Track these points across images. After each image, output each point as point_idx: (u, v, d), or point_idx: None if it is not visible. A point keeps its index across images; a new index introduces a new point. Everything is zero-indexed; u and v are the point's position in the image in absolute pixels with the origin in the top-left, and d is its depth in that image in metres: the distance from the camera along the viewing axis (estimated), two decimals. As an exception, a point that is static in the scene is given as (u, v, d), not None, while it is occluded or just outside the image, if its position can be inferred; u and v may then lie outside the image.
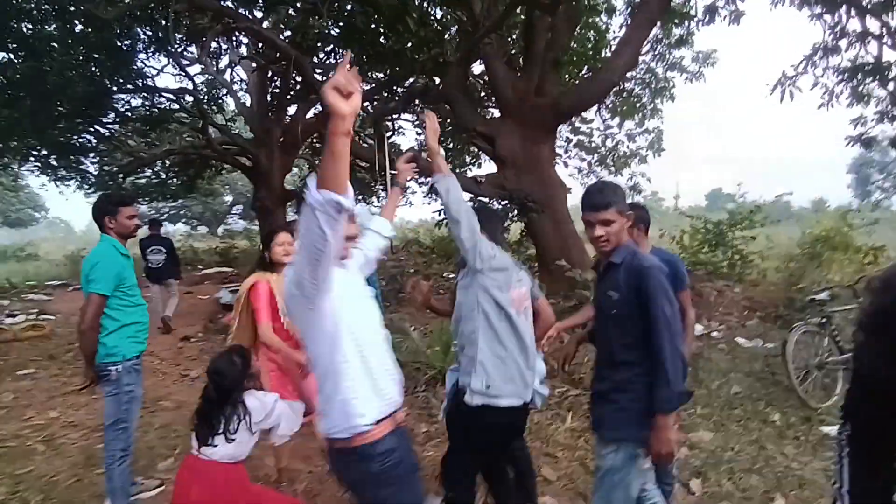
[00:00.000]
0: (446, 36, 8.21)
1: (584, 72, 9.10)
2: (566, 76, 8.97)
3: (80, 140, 12.07)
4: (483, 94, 11.00)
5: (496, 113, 9.19)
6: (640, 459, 1.94)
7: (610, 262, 2.01)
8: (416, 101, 9.64)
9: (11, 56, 9.08)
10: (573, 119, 10.09)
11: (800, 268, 7.12)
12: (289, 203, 12.90)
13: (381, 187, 12.89)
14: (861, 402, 1.18)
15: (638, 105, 10.24)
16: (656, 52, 9.92)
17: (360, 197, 15.33)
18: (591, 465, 3.40)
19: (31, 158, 12.16)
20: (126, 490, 2.75)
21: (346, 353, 1.55)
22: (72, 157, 12.45)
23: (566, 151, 11.94)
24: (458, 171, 11.91)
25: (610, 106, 10.64)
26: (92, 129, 11.86)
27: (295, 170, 17.13)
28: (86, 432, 4.13)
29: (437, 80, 8.39)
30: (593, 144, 11.58)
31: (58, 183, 13.45)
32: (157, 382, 5.28)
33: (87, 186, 13.71)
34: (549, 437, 3.74)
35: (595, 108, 10.38)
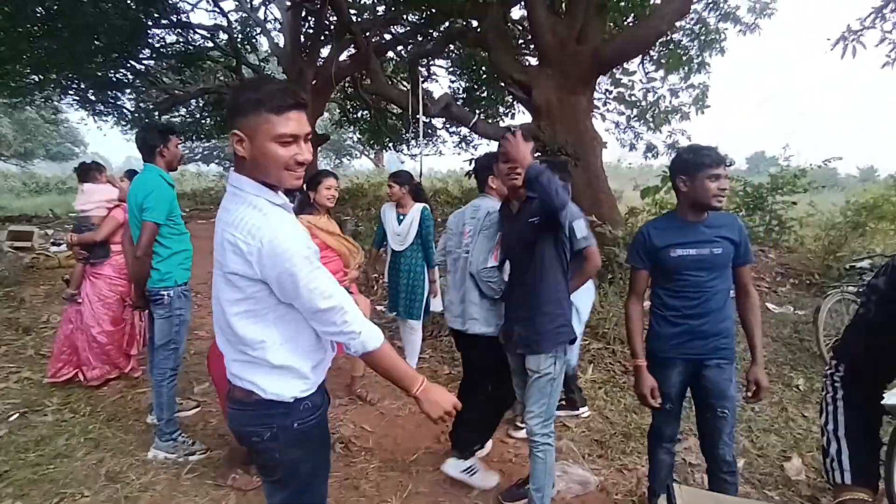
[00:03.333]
0: (486, -25, 7.82)
1: (630, 19, 8.60)
2: (611, 23, 8.50)
3: (117, 75, 12.19)
4: (521, 41, 10.57)
5: (534, 62, 8.86)
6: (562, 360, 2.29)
7: (528, 196, 2.24)
8: (452, 45, 9.33)
9: (49, -14, 9.09)
10: (614, 70, 9.64)
11: (840, 236, 6.84)
12: (319, 147, 12.90)
13: (412, 134, 12.74)
14: (860, 346, 1.19)
15: (685, 57, 9.67)
16: (709, 1, 9.30)
17: (391, 144, 15.23)
18: (608, 415, 3.49)
19: (70, 92, 12.38)
20: (172, 405, 2.94)
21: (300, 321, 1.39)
22: (109, 92, 12.63)
23: (604, 104, 11.50)
24: (490, 120, 11.65)
25: (654, 57, 10.11)
26: (128, 65, 11.95)
27: (326, 114, 17.03)
28: (128, 354, 4.38)
29: (475, 23, 8.08)
30: (633, 98, 11.09)
31: (96, 118, 13.72)
32: (194, 313, 5.50)
33: (123, 123, 13.97)
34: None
35: (638, 58, 9.88)
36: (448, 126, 14.35)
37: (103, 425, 3.21)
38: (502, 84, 8.71)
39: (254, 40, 12.88)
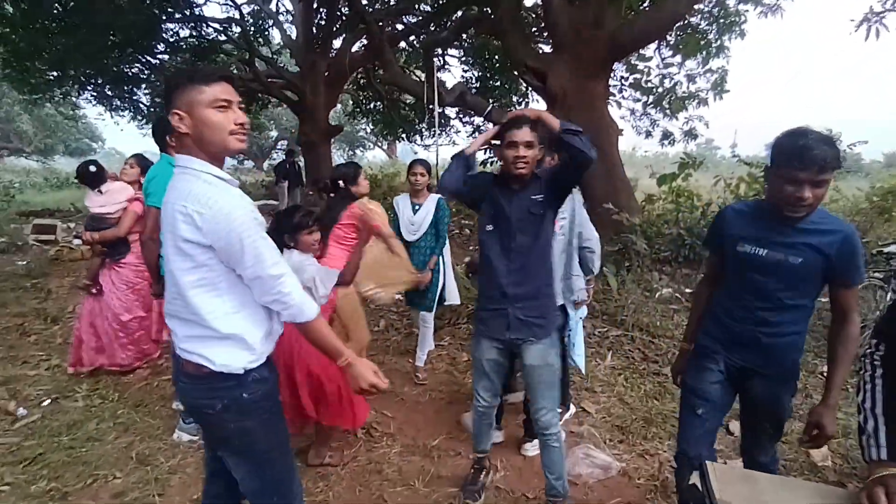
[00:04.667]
0: (500, -38, 7.73)
1: (646, 3, 8.45)
2: (627, 7, 8.36)
3: (133, 70, 12.30)
4: (535, 28, 10.46)
5: (548, 49, 8.76)
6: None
7: (534, 174, 2.20)
8: (465, 34, 9.25)
9: (66, -17, 9.19)
10: (630, 56, 9.49)
11: (866, 222, 6.71)
12: (333, 138, 12.93)
13: (426, 124, 12.71)
14: None
15: (703, 42, 9.47)
16: (729, -18, 9.09)
17: (404, 134, 15.21)
18: (628, 401, 3.48)
19: (88, 88, 12.53)
20: None
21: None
22: (125, 87, 12.75)
23: (620, 91, 11.34)
24: (507, 109, 11.56)
25: (671, 42, 9.92)
26: (143, 60, 12.04)
27: (339, 105, 17.06)
28: (152, 343, 4.47)
29: (489, 10, 8.01)
30: (649, 84, 10.90)
31: (113, 113, 13.90)
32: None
33: (140, 118, 14.12)
34: (590, 373, 3.81)
35: (655, 44, 9.71)
36: (462, 116, 14.27)
37: (131, 410, 3.29)
38: (516, 72, 8.63)
39: (266, 33, 12.90)
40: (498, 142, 2.23)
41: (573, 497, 2.55)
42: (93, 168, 3.79)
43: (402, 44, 12.63)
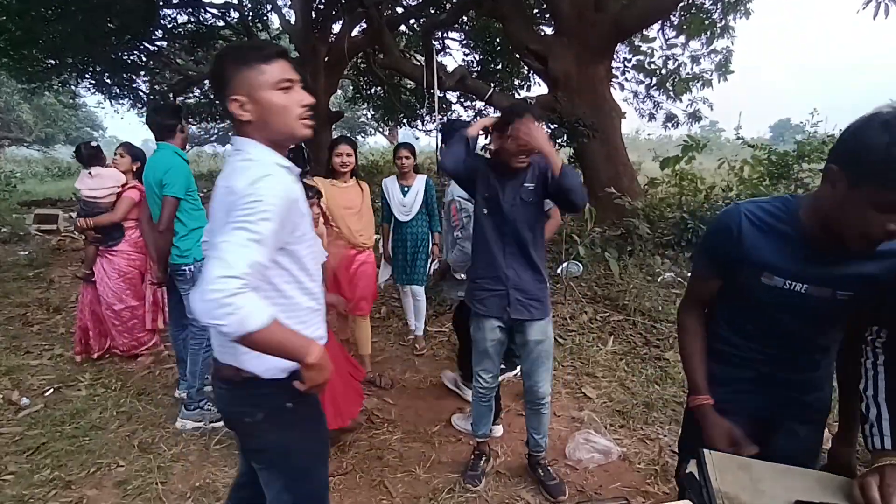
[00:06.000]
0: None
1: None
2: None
3: (131, 57, 12.21)
4: (537, 10, 10.29)
5: (550, 31, 8.63)
6: None
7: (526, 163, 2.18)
8: (466, 17, 9.11)
9: (61, -32, 9.07)
10: (633, 37, 9.34)
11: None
12: (334, 124, 12.84)
13: (427, 109, 12.58)
14: None
15: (707, 22, 9.30)
16: (735, -40, 8.88)
17: (405, 119, 15.09)
18: (629, 386, 3.48)
19: (87, 76, 12.44)
20: (204, 376, 3.00)
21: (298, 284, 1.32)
22: (124, 74, 12.67)
23: (623, 73, 11.18)
24: (508, 93, 11.43)
25: (675, 23, 9.74)
26: (141, 46, 11.94)
27: (339, 91, 16.92)
28: (154, 332, 4.49)
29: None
30: (653, 66, 10.74)
31: (112, 101, 13.84)
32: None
33: (139, 106, 14.06)
34: (591, 358, 3.81)
35: (658, 24, 9.55)
36: (463, 100, 14.14)
37: (134, 399, 3.31)
38: (517, 55, 8.52)
39: (265, 18, 12.74)
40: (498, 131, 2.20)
41: (573, 482, 2.56)
42: (94, 144, 3.84)
43: (402, 27, 12.46)
